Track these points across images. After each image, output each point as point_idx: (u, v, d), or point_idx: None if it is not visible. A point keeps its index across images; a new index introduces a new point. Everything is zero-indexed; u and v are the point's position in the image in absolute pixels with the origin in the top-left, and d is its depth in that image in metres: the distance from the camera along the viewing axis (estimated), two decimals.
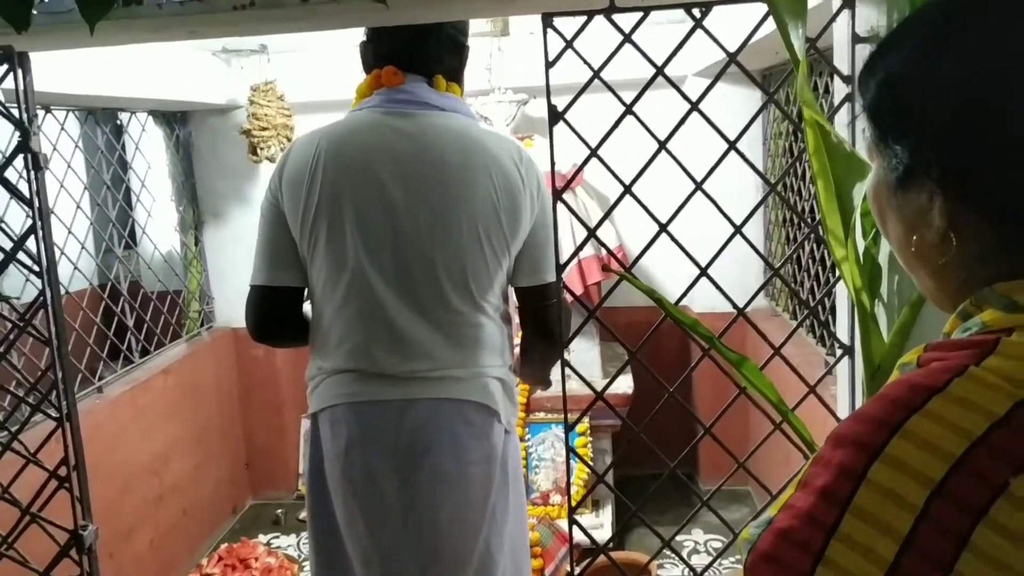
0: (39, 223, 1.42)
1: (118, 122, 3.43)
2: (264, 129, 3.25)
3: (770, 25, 1.20)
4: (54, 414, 1.46)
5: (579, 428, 3.04)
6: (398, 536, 1.50)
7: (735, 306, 1.36)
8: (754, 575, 0.56)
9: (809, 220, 2.79)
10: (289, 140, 3.30)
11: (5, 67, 1.36)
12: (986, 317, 0.61)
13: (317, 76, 3.39)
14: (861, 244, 1.16)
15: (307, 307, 1.61)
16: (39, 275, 1.44)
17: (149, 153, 3.44)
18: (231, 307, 3.72)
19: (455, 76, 1.60)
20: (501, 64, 3.19)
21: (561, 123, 1.30)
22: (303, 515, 3.58)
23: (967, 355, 0.57)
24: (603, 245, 1.42)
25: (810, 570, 0.53)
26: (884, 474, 0.53)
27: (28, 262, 1.43)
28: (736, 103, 2.93)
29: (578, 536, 1.48)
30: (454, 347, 1.50)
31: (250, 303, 1.56)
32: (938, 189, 0.62)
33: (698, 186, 1.32)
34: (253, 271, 1.56)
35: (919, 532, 0.51)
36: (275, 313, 1.58)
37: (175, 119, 3.58)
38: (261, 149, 3.27)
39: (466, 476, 1.50)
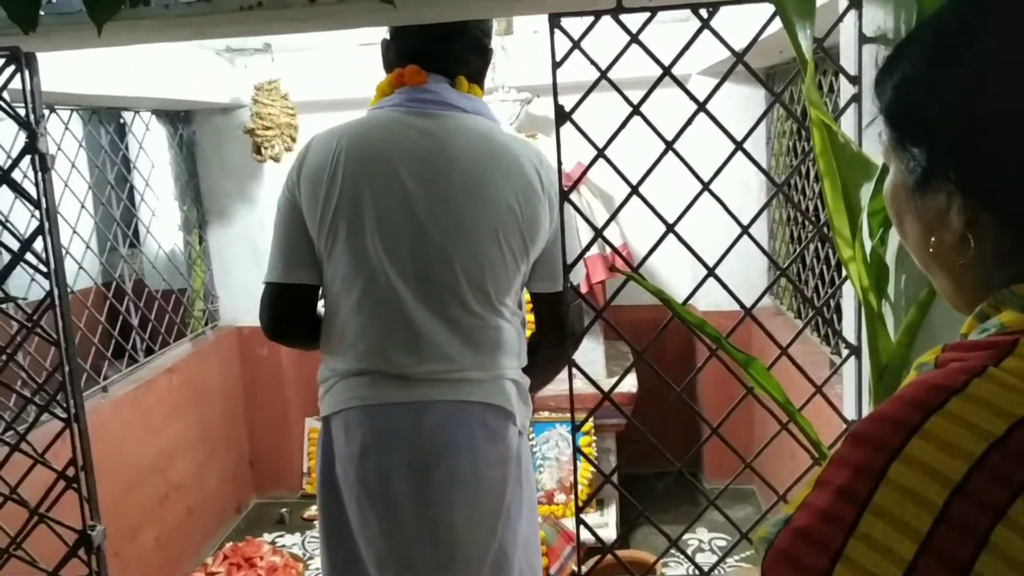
0: (47, 224, 1.42)
1: (122, 121, 3.43)
2: (268, 128, 3.25)
3: (776, 24, 1.20)
4: (61, 414, 1.46)
5: (583, 428, 3.03)
6: (413, 538, 1.49)
7: (742, 306, 1.36)
8: (772, 574, 0.57)
9: (814, 219, 2.78)
10: (293, 139, 3.30)
11: (12, 68, 1.36)
12: (1004, 318, 0.61)
13: (321, 75, 3.40)
14: (868, 244, 1.16)
15: (320, 307, 1.60)
16: (46, 275, 1.44)
17: (153, 152, 3.44)
18: (235, 306, 3.73)
19: (477, 78, 1.58)
20: (505, 63, 3.19)
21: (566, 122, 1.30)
22: (307, 514, 3.60)
23: (985, 356, 0.57)
24: (609, 244, 1.42)
25: (829, 569, 0.53)
26: (904, 473, 0.53)
27: (35, 262, 1.43)
28: (738, 101, 2.92)
29: (583, 535, 1.48)
30: (472, 349, 1.49)
31: (264, 301, 1.54)
32: (956, 191, 0.62)
33: (705, 186, 1.32)
34: (268, 268, 1.54)
35: (938, 532, 0.51)
36: (290, 311, 1.56)
37: (179, 118, 3.58)
38: (265, 148, 3.27)
39: (482, 478, 1.49)
